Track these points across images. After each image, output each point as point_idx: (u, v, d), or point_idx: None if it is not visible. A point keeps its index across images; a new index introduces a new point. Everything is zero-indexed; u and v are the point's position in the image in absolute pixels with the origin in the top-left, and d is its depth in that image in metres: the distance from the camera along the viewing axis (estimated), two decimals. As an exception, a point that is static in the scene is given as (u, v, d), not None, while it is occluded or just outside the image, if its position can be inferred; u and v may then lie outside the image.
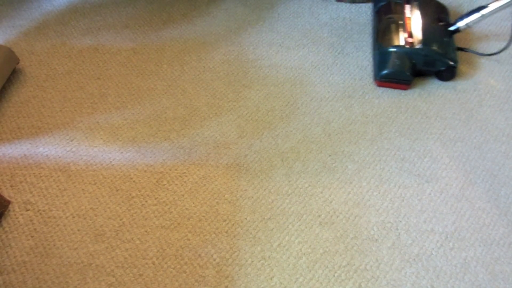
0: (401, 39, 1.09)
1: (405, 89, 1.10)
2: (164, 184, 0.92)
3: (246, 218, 0.87)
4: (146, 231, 0.85)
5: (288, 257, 0.82)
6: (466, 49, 1.17)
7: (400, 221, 0.87)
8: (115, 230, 0.86)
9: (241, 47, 1.21)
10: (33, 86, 1.12)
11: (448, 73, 1.10)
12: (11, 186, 0.92)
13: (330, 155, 0.97)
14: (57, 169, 0.95)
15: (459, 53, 1.14)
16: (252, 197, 0.90)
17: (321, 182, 0.93)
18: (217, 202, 0.90)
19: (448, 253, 0.82)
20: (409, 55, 1.07)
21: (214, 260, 0.82)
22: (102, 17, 1.31)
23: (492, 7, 1.05)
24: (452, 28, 1.12)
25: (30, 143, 1.00)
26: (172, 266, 0.81)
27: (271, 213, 0.88)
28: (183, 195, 0.91)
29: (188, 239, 0.84)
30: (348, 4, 1.34)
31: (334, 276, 0.79)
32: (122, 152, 0.98)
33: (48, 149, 0.99)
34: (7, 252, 0.83)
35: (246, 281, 0.79)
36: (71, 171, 0.95)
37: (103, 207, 0.89)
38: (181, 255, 0.82)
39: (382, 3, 1.22)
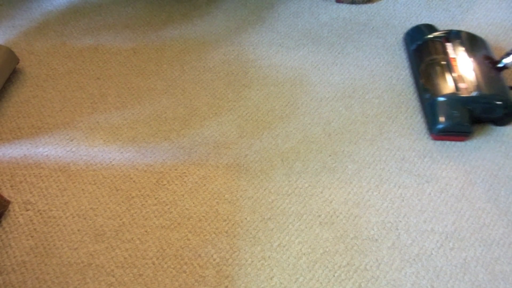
0: (452, 85, 0.98)
1: (463, 140, 0.99)
2: (164, 184, 0.92)
3: (246, 218, 0.87)
4: (146, 231, 0.85)
5: (288, 257, 0.82)
6: None
7: (400, 221, 0.87)
8: (115, 230, 0.86)
9: (241, 47, 1.21)
10: (33, 86, 1.12)
11: (507, 119, 0.99)
12: (11, 186, 0.92)
13: (330, 155, 0.97)
14: (57, 169, 0.95)
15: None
16: (252, 197, 0.90)
17: (321, 182, 0.93)
18: (217, 202, 0.90)
19: (448, 253, 0.82)
20: (466, 103, 0.95)
21: (214, 260, 0.81)
22: (102, 17, 1.31)
23: None
24: (499, 65, 1.01)
25: (30, 143, 1.00)
26: (172, 266, 0.81)
27: (271, 213, 0.88)
28: (183, 195, 0.91)
29: (188, 239, 0.84)
30: (348, 4, 1.33)
31: (334, 276, 0.79)
32: (122, 152, 0.98)
33: (48, 149, 0.99)
34: (7, 252, 0.83)
35: (246, 281, 0.79)
36: (71, 171, 0.95)
37: (103, 207, 0.89)
38: (181, 255, 0.82)
39: (419, 42, 1.12)
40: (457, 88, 0.97)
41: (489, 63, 1.02)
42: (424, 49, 1.10)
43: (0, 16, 1.31)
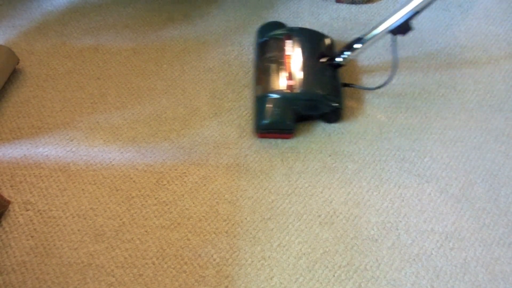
0: (281, 82, 0.97)
1: (288, 138, 0.99)
2: (164, 184, 0.92)
3: (246, 218, 0.87)
4: (146, 231, 0.85)
5: (288, 257, 0.82)
6: (352, 84, 1.06)
7: (400, 221, 0.87)
8: (115, 230, 0.86)
9: (241, 47, 1.21)
10: (33, 86, 1.12)
11: (333, 116, 1.00)
12: (11, 186, 0.92)
13: (330, 155, 0.97)
14: (57, 169, 0.95)
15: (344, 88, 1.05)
16: (252, 197, 0.90)
17: (321, 182, 0.93)
18: (217, 202, 0.90)
19: (448, 253, 0.82)
20: (290, 100, 0.95)
21: (214, 260, 0.82)
22: (102, 17, 1.31)
23: (369, 36, 0.95)
24: (334, 63, 1.01)
25: (30, 143, 1.00)
26: (172, 266, 0.81)
27: (271, 213, 0.88)
28: (183, 195, 0.91)
29: (188, 239, 0.84)
30: (348, 4, 1.33)
31: (334, 276, 0.79)
32: (122, 152, 0.98)
33: (48, 149, 0.99)
34: (7, 252, 0.83)
35: (246, 281, 0.79)
36: (71, 171, 0.95)
37: (103, 207, 0.89)
38: (181, 255, 0.82)
39: (263, 39, 1.10)
40: (284, 85, 0.96)
41: (326, 61, 1.02)
42: (265, 46, 1.08)
43: (0, 16, 1.31)
